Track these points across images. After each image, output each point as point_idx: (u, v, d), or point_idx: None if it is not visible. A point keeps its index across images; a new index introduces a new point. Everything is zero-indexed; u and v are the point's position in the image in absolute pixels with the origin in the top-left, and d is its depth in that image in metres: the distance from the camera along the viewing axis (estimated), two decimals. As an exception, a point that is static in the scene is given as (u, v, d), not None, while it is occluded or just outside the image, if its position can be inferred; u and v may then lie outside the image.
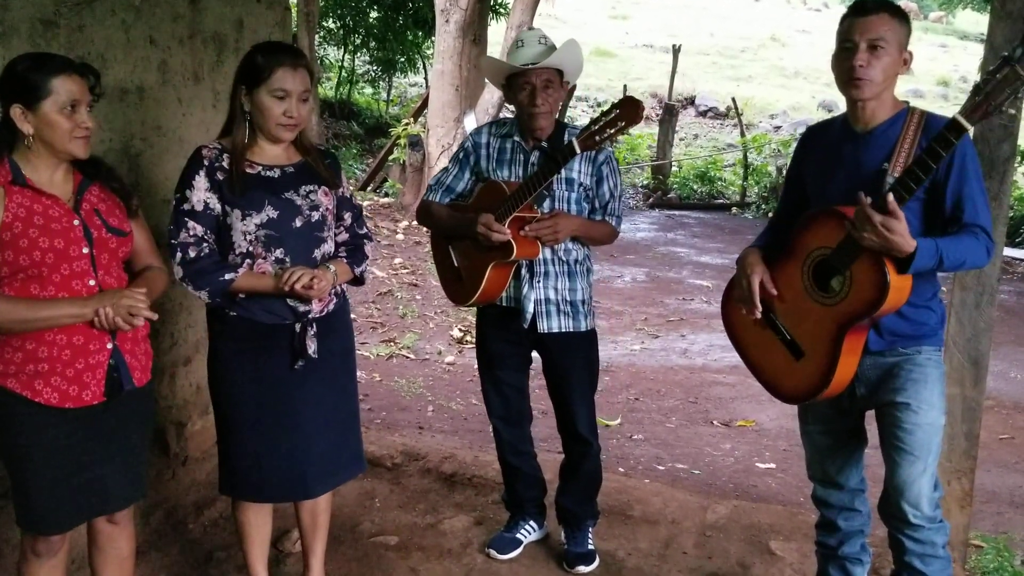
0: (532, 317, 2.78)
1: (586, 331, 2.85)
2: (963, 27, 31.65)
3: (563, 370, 2.88)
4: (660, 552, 3.10)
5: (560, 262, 2.79)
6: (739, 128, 16.55)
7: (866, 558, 2.62)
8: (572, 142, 2.56)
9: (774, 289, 2.36)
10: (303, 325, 2.37)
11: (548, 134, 2.76)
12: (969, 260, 2.23)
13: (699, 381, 5.82)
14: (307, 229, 2.37)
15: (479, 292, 2.74)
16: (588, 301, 2.86)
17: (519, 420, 3.00)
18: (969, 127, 2.04)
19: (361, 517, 3.21)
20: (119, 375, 2.14)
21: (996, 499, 4.20)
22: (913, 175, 2.10)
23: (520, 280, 2.77)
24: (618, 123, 2.50)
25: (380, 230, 9.22)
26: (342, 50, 16.10)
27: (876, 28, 2.22)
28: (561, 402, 2.92)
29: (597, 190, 2.79)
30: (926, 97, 22.69)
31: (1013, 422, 5.32)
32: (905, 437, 2.30)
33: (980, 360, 2.96)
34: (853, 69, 2.23)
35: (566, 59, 2.69)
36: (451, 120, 9.85)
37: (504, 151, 2.81)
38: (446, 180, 2.87)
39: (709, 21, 29.18)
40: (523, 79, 2.68)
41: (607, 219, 2.82)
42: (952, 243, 2.19)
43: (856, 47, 2.23)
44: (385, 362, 5.70)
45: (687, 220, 12.88)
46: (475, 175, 2.86)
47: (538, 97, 2.67)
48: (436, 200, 2.87)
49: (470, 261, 2.79)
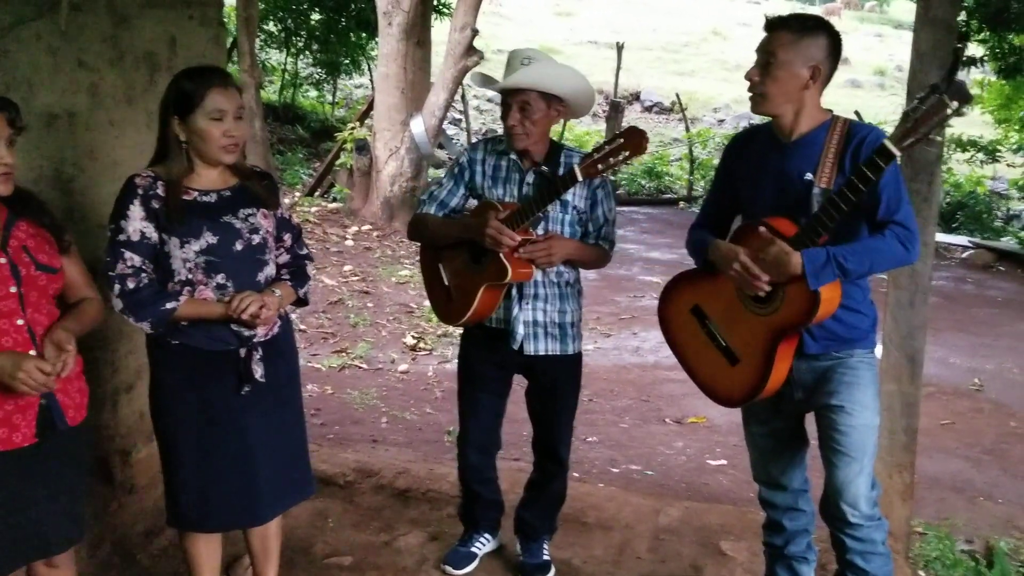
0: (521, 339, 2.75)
1: (573, 354, 2.83)
2: (898, 16, 32.31)
3: (549, 393, 2.86)
4: (614, 558, 3.13)
5: (551, 284, 2.76)
6: (684, 123, 16.74)
7: (812, 556, 2.68)
8: (574, 169, 2.53)
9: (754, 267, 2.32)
10: (248, 350, 2.35)
11: (542, 156, 2.72)
12: (882, 260, 2.27)
13: (651, 379, 5.87)
14: (248, 253, 2.35)
15: (470, 312, 2.71)
16: (577, 324, 2.83)
17: (490, 449, 2.98)
18: (897, 153, 2.09)
19: (314, 538, 3.19)
20: (51, 414, 2.10)
21: (938, 485, 4.32)
22: (844, 197, 2.15)
23: (510, 301, 2.74)
24: (622, 152, 2.48)
25: (329, 236, 9.14)
26: (284, 53, 15.93)
27: (770, 43, 2.29)
28: (543, 424, 2.91)
29: (591, 213, 2.75)
30: (863, 87, 23.19)
31: (953, 407, 5.47)
32: (841, 439, 2.36)
33: (916, 357, 3.04)
34: (749, 84, 2.30)
35: (535, 80, 2.62)
36: (397, 123, 9.80)
37: (499, 168, 2.77)
38: (440, 194, 2.82)
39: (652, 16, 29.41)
40: (505, 98, 2.67)
41: (600, 243, 2.78)
42: (854, 249, 2.24)
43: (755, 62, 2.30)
44: (337, 373, 5.66)
45: (636, 216, 12.98)
46: (469, 191, 2.82)
47: (510, 118, 2.65)
48: (430, 212, 2.81)
49: (461, 280, 2.76)
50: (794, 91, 2.30)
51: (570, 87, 2.68)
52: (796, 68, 2.27)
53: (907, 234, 2.25)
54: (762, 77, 2.29)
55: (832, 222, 2.19)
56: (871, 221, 2.28)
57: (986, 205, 14.46)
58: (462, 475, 3.01)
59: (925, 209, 2.88)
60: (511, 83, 2.63)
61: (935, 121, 2.05)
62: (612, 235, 2.80)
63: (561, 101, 2.67)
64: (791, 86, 2.29)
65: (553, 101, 2.66)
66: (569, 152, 2.76)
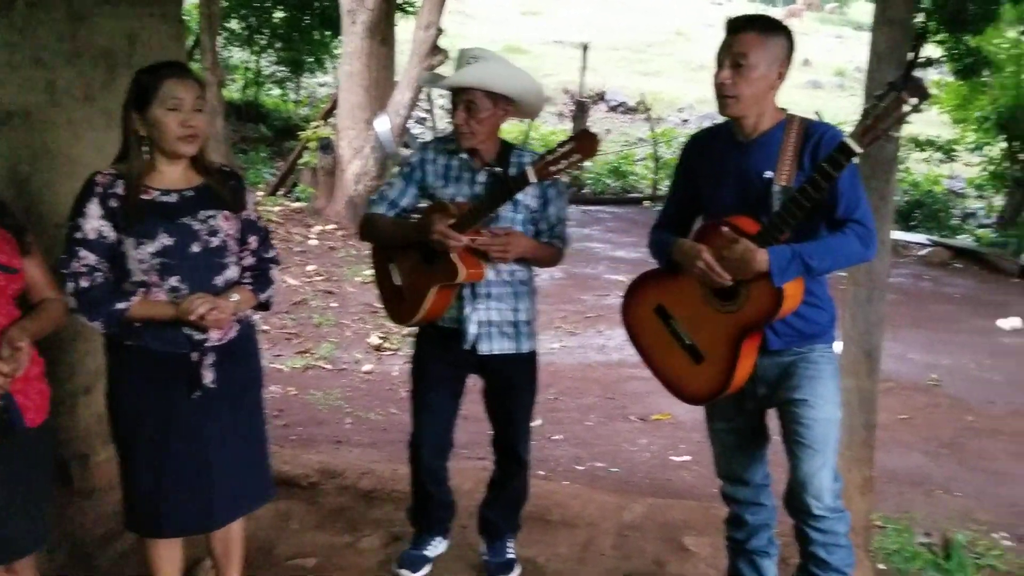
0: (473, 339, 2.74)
1: (527, 353, 2.83)
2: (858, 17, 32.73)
3: (505, 392, 2.86)
4: (579, 555, 3.14)
5: (504, 283, 2.74)
6: (648, 122, 16.84)
7: (773, 550, 2.71)
8: (527, 171, 2.53)
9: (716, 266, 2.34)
10: (200, 354, 2.32)
11: (492, 156, 2.71)
12: (843, 258, 2.32)
13: (616, 377, 5.91)
14: (206, 255, 2.32)
15: (422, 313, 2.70)
16: (531, 322, 2.83)
17: (444, 451, 2.96)
18: (859, 150, 2.12)
19: (277, 540, 3.16)
20: (9, 416, 2.06)
21: (897, 479, 4.39)
22: (806, 195, 2.18)
23: (462, 300, 2.72)
24: (574, 155, 2.48)
25: (292, 236, 9.08)
26: (247, 51, 15.78)
27: (740, 46, 2.29)
28: (501, 422, 2.91)
29: (543, 212, 2.74)
30: (824, 88, 23.45)
31: (912, 402, 5.57)
32: (805, 432, 2.40)
33: (874, 352, 3.09)
34: (719, 87, 2.32)
35: (477, 77, 2.61)
36: (362, 122, 9.75)
37: (450, 168, 2.75)
38: (390, 194, 2.80)
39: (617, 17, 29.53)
40: (453, 98, 2.67)
41: (553, 242, 2.77)
42: (818, 247, 2.28)
43: (722, 64, 2.31)
44: (300, 374, 5.62)
45: (602, 215, 13.04)
46: (420, 191, 2.80)
47: (457, 116, 2.64)
48: (380, 213, 2.80)
49: (412, 280, 2.74)
50: (764, 91, 2.33)
51: (517, 86, 2.67)
52: (765, 69, 2.30)
53: (866, 232, 2.30)
54: (735, 79, 2.30)
55: (795, 219, 2.22)
56: (830, 219, 2.32)
57: (943, 203, 14.74)
58: (416, 477, 2.98)
59: (882, 207, 2.92)
60: (456, 81, 2.62)
61: (894, 117, 2.09)
62: (564, 234, 2.80)
63: (509, 100, 2.66)
64: (762, 87, 2.31)
65: (500, 100, 2.65)
66: (520, 152, 2.75)
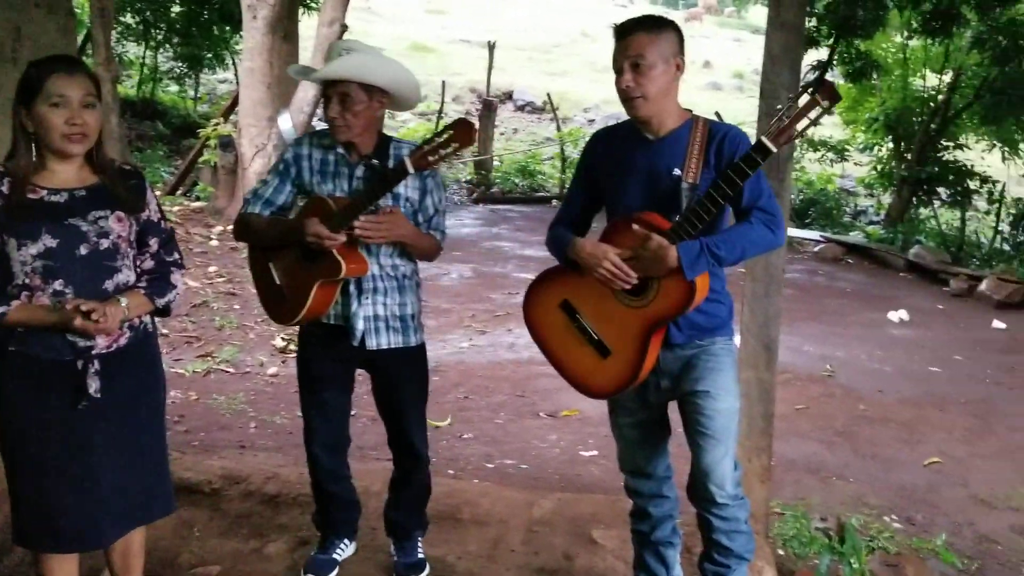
0: (361, 334, 2.72)
1: (416, 346, 2.82)
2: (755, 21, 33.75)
3: (395, 386, 2.84)
4: (489, 553, 3.15)
5: (389, 277, 2.73)
6: (555, 122, 17.00)
7: (677, 540, 2.77)
8: (405, 161, 2.50)
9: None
10: (85, 362, 2.22)
11: (370, 149, 2.68)
12: (752, 246, 2.38)
13: (526, 374, 5.94)
14: (94, 258, 2.22)
15: (304, 311, 2.65)
16: (417, 315, 2.82)
17: (340, 447, 2.93)
18: (774, 149, 2.20)
19: (179, 549, 3.08)
20: None
21: (794, 467, 4.55)
22: (721, 191, 2.25)
23: (348, 297, 2.70)
24: (451, 144, 2.47)
25: (192, 236, 8.84)
26: (143, 46, 15.28)
27: (634, 48, 2.34)
28: (394, 418, 2.88)
29: (421, 203, 2.73)
30: (724, 89, 24.12)
31: (808, 393, 5.78)
32: (707, 423, 2.46)
33: (771, 345, 3.19)
34: (625, 91, 2.36)
35: (352, 69, 2.57)
36: (264, 119, 9.55)
37: (327, 163, 2.70)
38: (265, 193, 2.74)
39: (523, 17, 29.72)
40: (326, 91, 2.61)
41: (432, 232, 2.76)
42: (724, 237, 2.35)
43: (621, 69, 2.36)
44: (202, 379, 5.47)
45: (510, 214, 13.10)
46: (296, 187, 2.75)
47: (330, 110, 2.59)
48: (255, 212, 2.74)
49: (293, 279, 2.69)
50: (667, 86, 2.38)
51: (390, 78, 2.64)
52: (663, 65, 2.36)
53: (771, 218, 2.37)
54: (637, 80, 2.34)
55: (709, 216, 2.28)
56: (736, 209, 2.39)
57: (836, 202, 15.34)
58: (314, 478, 2.93)
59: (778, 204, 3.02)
60: (328, 74, 2.57)
61: (808, 119, 2.18)
62: (442, 225, 2.79)
63: (384, 93, 2.63)
64: (665, 82, 2.37)
65: (375, 92, 2.61)
66: (399, 144, 2.72)
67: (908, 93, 14.02)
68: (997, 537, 3.88)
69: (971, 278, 9.86)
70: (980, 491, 4.35)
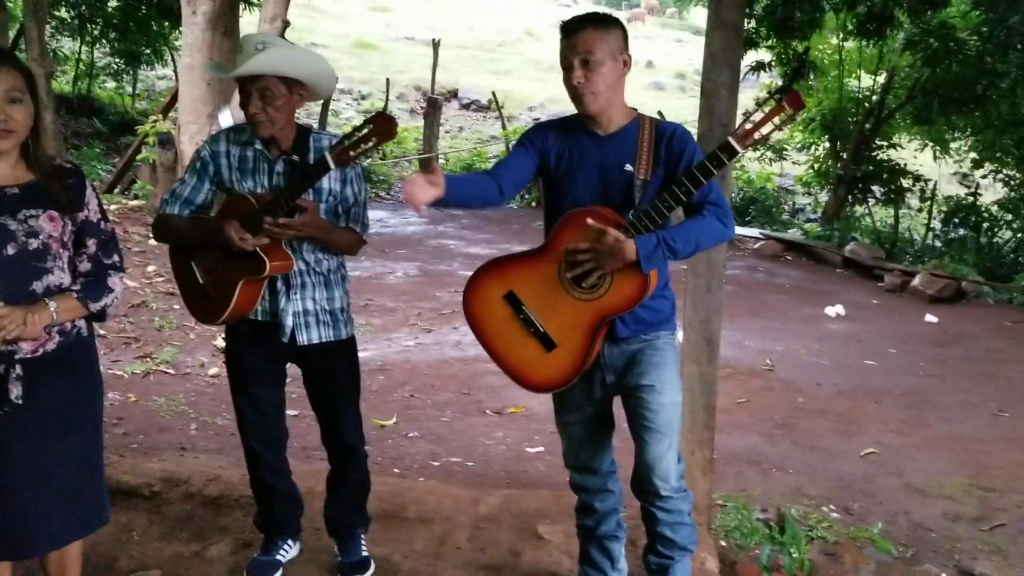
0: (291, 330, 2.70)
1: (347, 339, 2.81)
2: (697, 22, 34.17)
3: (327, 380, 2.83)
4: (435, 550, 3.15)
5: (315, 273, 2.72)
6: (501, 120, 17.02)
7: (621, 534, 2.80)
8: (326, 157, 2.47)
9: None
10: (7, 367, 2.14)
11: (289, 143, 2.65)
12: (705, 237, 2.42)
13: (472, 372, 5.94)
14: (22, 258, 2.15)
15: (229, 310, 2.62)
16: (347, 309, 2.82)
17: (278, 440, 2.90)
18: (740, 150, 2.26)
19: (118, 553, 3.01)
20: None
21: (736, 459, 4.63)
22: (683, 188, 2.29)
23: (276, 293, 2.68)
24: (371, 139, 2.44)
25: (131, 235, 8.63)
26: (78, 42, 14.90)
27: (583, 44, 2.37)
28: (326, 413, 2.87)
29: (341, 194, 2.71)
30: (666, 89, 24.42)
31: (748, 387, 5.88)
32: (652, 417, 2.48)
33: (713, 339, 3.24)
34: (575, 87, 2.38)
35: (275, 63, 2.53)
36: (204, 116, 9.37)
37: (246, 160, 2.67)
38: (183, 192, 2.69)
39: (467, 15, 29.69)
40: (244, 86, 2.57)
41: (352, 226, 2.74)
42: (680, 230, 2.39)
43: (571, 65, 2.38)
44: (141, 380, 5.36)
45: (456, 212, 13.06)
46: (215, 185, 2.70)
47: (251, 105, 2.55)
48: (174, 213, 2.69)
49: (216, 277, 2.66)
50: (616, 82, 2.41)
51: (311, 70, 2.63)
52: (612, 61, 2.39)
53: (722, 212, 2.43)
54: (588, 77, 2.36)
55: (668, 211, 2.32)
56: (686, 205, 2.41)
57: (775, 199, 15.66)
58: (254, 473, 2.89)
59: (717, 202, 3.07)
60: (250, 68, 2.53)
61: (772, 123, 2.24)
62: (363, 217, 2.77)
63: (302, 85, 2.61)
64: (612, 78, 2.40)
65: (295, 85, 2.59)
66: (319, 136, 2.71)
67: (844, 94, 14.36)
68: (931, 524, 3.99)
69: (904, 274, 10.13)
70: (914, 480, 4.47)
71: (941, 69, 11.74)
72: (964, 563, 3.62)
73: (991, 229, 12.85)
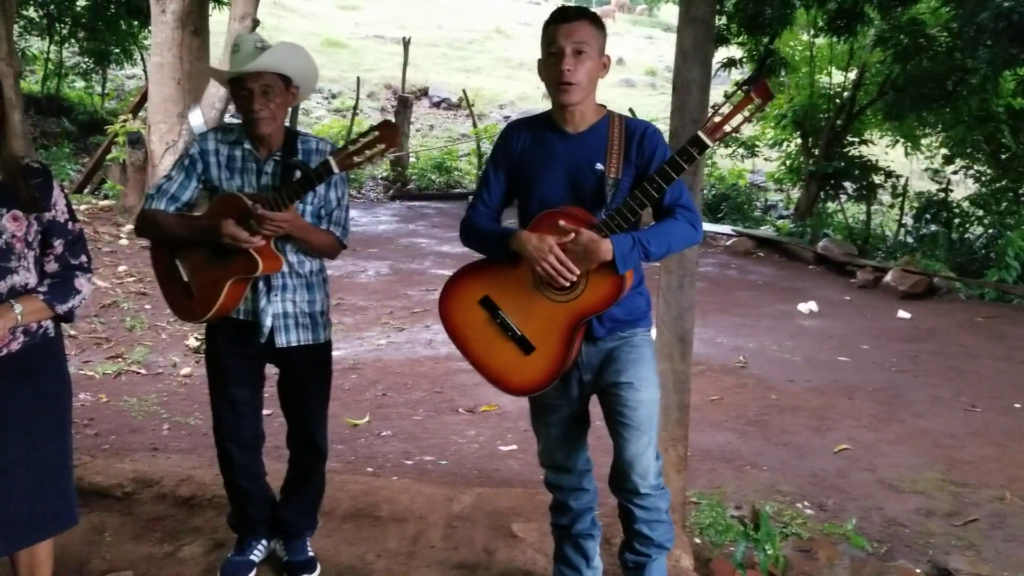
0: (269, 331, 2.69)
1: (324, 342, 2.81)
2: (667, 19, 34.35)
3: (301, 383, 2.82)
4: (409, 549, 3.13)
5: (296, 275, 2.71)
6: (471, 119, 17.00)
7: (596, 532, 2.80)
8: (329, 162, 2.50)
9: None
10: None
11: (279, 143, 2.66)
12: (677, 241, 2.43)
13: (444, 370, 5.92)
14: None
15: (215, 308, 2.61)
16: (326, 312, 2.81)
17: (254, 442, 2.87)
18: (710, 143, 2.26)
19: (90, 554, 2.97)
20: None
21: (710, 456, 4.65)
22: (655, 185, 2.29)
23: (257, 293, 2.67)
24: (377, 145, 2.49)
25: (101, 236, 8.54)
26: (47, 41, 14.71)
27: (579, 34, 2.36)
28: (298, 415, 2.86)
29: (324, 197, 2.72)
30: (636, 86, 24.51)
31: (721, 383, 5.91)
32: (631, 414, 2.48)
33: (686, 336, 3.25)
34: (562, 74, 2.36)
35: (281, 62, 2.59)
36: (174, 115, 9.29)
37: (234, 159, 2.67)
38: (170, 188, 2.67)
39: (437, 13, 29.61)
40: (242, 85, 2.58)
41: (332, 228, 2.74)
42: (655, 233, 2.39)
43: (562, 52, 2.36)
44: (112, 380, 5.30)
45: (427, 210, 13.06)
46: (202, 183, 2.70)
47: (255, 103, 2.57)
48: (160, 208, 2.67)
49: (203, 275, 2.64)
50: (595, 80, 2.42)
51: (306, 69, 2.69)
52: (597, 59, 2.40)
53: (693, 216, 2.44)
54: (576, 67, 2.36)
55: (641, 209, 2.32)
56: (657, 208, 2.42)
57: (747, 197, 15.76)
58: (227, 475, 2.87)
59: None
60: (258, 65, 2.55)
61: (742, 115, 2.24)
62: (343, 220, 2.77)
63: (292, 85, 2.66)
64: (595, 75, 2.41)
65: (290, 84, 2.65)
66: (306, 139, 2.72)
67: (815, 90, 14.48)
68: (904, 520, 4.02)
69: (877, 270, 10.23)
70: (887, 476, 4.51)
71: (911, 65, 11.87)
72: (938, 558, 3.65)
73: (962, 225, 12.98)
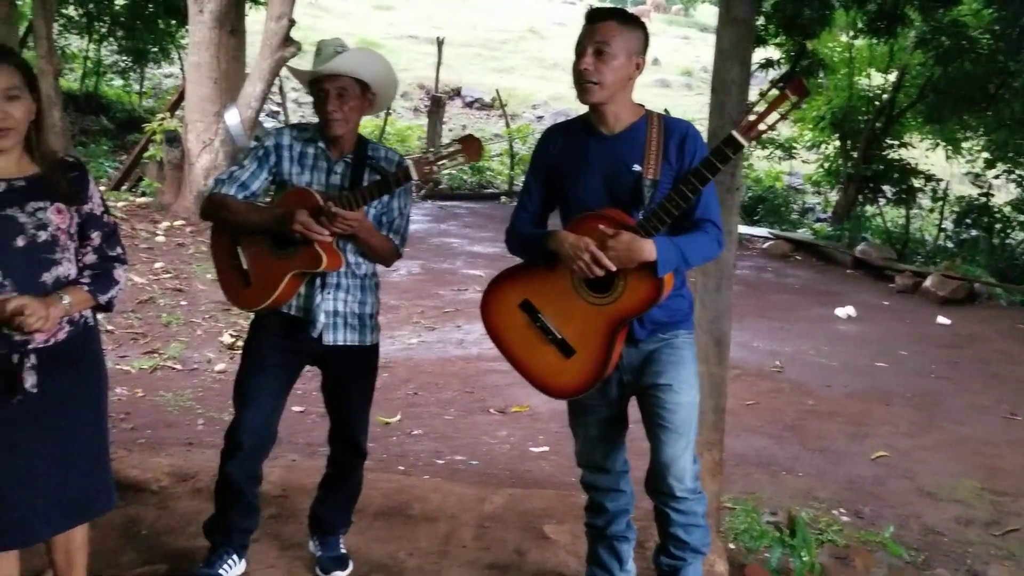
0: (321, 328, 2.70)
1: (371, 345, 2.81)
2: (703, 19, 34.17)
3: (346, 383, 2.83)
4: (440, 549, 3.12)
5: (352, 275, 2.73)
6: (504, 119, 17.00)
7: (631, 535, 2.76)
8: (409, 168, 2.54)
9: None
10: (20, 357, 2.15)
11: (351, 146, 2.71)
12: (704, 255, 2.43)
13: (475, 370, 5.92)
14: (32, 250, 2.16)
15: (272, 298, 2.63)
16: (375, 316, 2.82)
17: (266, 442, 2.82)
18: (745, 143, 2.23)
19: (125, 548, 2.99)
20: None
21: (745, 462, 4.59)
22: (691, 186, 2.26)
23: (312, 289, 2.69)
24: (457, 157, 2.56)
25: (138, 232, 8.64)
26: (86, 39, 14.93)
27: (602, 34, 2.35)
28: (344, 415, 2.86)
29: (387, 205, 2.74)
30: (672, 87, 24.37)
31: (757, 388, 5.84)
32: (669, 416, 2.45)
33: (723, 339, 3.21)
34: (580, 73, 2.35)
35: (355, 66, 2.63)
36: (211, 114, 9.38)
37: (307, 156, 2.71)
38: (241, 176, 2.70)
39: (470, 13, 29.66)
40: (319, 86, 2.64)
41: (391, 236, 2.76)
42: (689, 241, 2.36)
43: (584, 52, 2.35)
44: (148, 375, 5.35)
45: (458, 210, 13.08)
46: (272, 176, 2.73)
47: (329, 103, 2.62)
48: (231, 195, 2.68)
49: (263, 265, 2.66)
50: (623, 81, 2.38)
51: (385, 77, 2.74)
52: (624, 58, 2.36)
53: (720, 234, 2.43)
54: (597, 66, 2.34)
55: (678, 210, 2.29)
56: (687, 217, 2.38)
57: (784, 199, 15.61)
58: (223, 473, 2.79)
59: (728, 199, 3.03)
60: (334, 67, 2.61)
61: (777, 113, 2.21)
62: (403, 230, 2.80)
63: (369, 91, 2.70)
64: (622, 75, 2.37)
65: (367, 90, 2.69)
66: (376, 146, 2.77)
67: (854, 92, 14.29)
68: (942, 529, 3.95)
69: (916, 275, 10.07)
70: (925, 483, 4.43)
71: (953, 68, 11.68)
72: (976, 568, 3.58)
73: (1004, 230, 12.76)
